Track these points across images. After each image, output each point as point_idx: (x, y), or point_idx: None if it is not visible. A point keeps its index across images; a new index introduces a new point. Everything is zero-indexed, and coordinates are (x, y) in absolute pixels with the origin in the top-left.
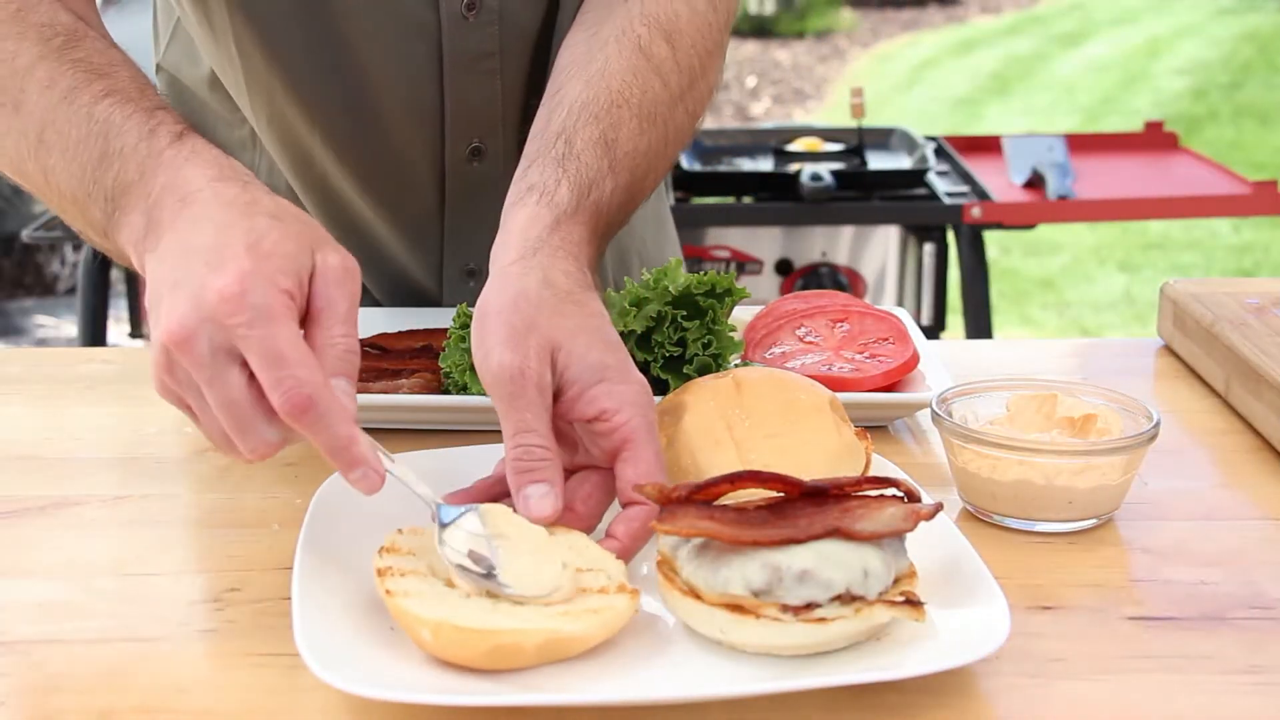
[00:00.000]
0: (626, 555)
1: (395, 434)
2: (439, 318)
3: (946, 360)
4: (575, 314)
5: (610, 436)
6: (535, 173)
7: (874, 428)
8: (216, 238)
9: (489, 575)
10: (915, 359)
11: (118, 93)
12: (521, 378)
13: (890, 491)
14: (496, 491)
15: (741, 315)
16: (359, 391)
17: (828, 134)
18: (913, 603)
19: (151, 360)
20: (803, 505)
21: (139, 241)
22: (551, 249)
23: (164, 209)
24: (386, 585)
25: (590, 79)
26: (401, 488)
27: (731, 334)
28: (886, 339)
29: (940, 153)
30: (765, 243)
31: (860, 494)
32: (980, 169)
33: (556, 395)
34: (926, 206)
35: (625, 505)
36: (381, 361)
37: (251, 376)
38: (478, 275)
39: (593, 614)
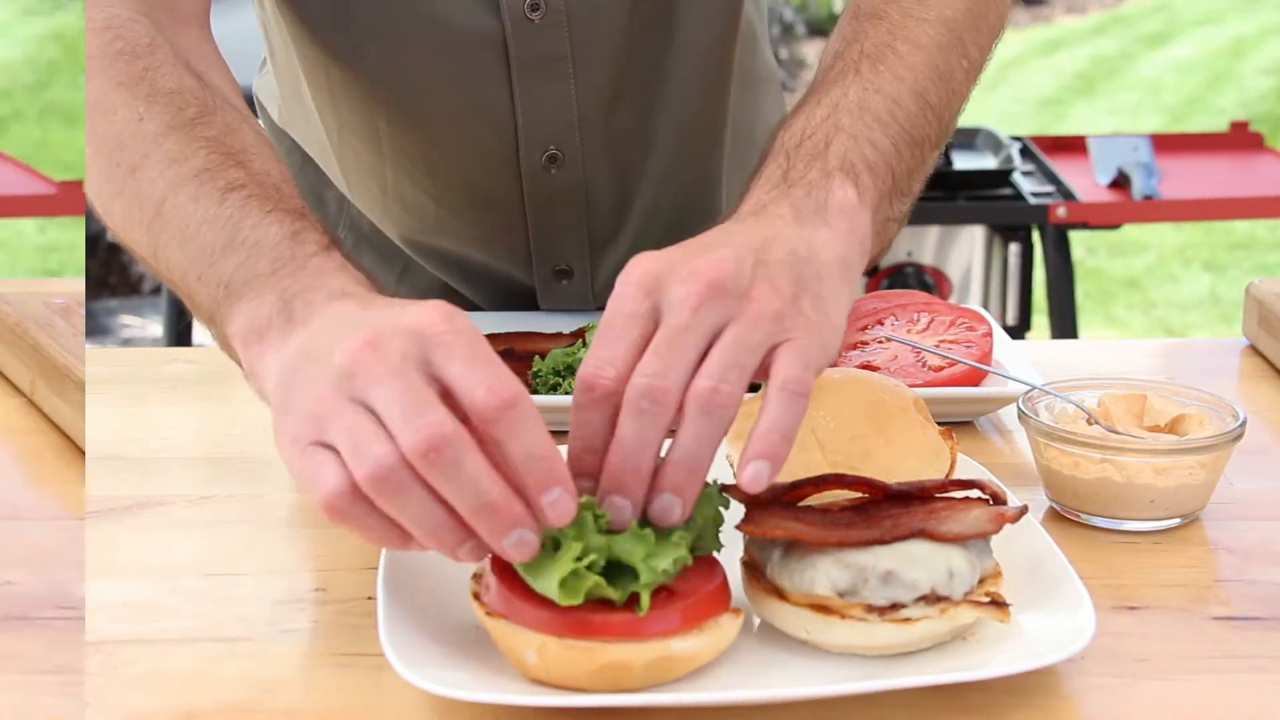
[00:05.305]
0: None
1: None
2: (524, 321)
3: (1033, 360)
4: None
5: None
6: None
7: (960, 424)
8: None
9: None
10: (990, 335)
11: (254, 184)
12: None
13: (975, 494)
14: None
15: None
16: None
17: None
18: (998, 603)
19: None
20: (888, 507)
21: (264, 324)
22: None
23: (311, 298)
24: (486, 607)
25: None
26: None
27: None
28: (970, 328)
29: (1025, 152)
30: None
31: (945, 495)
32: (1065, 169)
33: None
34: (1012, 206)
35: None
36: None
37: None
38: (569, 274)
39: (701, 633)
